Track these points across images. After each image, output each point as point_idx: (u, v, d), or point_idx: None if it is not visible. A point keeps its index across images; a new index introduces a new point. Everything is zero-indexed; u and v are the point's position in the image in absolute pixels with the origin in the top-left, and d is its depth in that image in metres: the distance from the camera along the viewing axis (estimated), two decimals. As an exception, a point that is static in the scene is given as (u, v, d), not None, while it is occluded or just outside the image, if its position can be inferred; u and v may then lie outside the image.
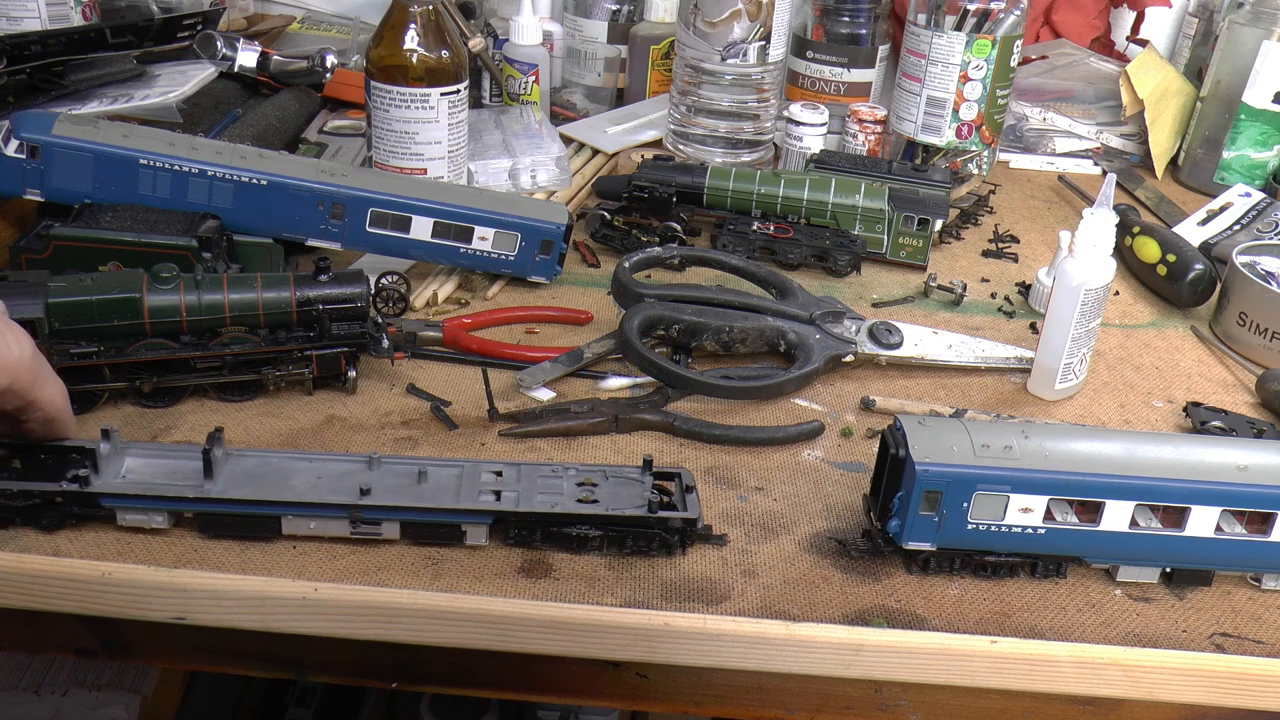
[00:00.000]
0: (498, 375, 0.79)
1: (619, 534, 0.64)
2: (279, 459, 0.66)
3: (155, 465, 0.65)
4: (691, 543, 0.65)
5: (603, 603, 0.61)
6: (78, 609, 0.61)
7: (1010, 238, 1.14)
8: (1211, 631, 0.63)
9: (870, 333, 0.86)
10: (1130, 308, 1.02)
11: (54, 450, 0.65)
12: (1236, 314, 0.94)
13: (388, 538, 0.64)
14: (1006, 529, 0.63)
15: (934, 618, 0.62)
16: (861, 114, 1.23)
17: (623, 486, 0.66)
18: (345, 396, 0.78)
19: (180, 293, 0.72)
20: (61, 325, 0.69)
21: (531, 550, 0.64)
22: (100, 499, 0.62)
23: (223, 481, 0.63)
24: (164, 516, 0.63)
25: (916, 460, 0.61)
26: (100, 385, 0.72)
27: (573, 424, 0.75)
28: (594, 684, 0.63)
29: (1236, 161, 1.27)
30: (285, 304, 0.74)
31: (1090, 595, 0.65)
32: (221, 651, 0.64)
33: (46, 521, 0.63)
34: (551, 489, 0.65)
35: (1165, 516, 0.64)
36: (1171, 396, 0.87)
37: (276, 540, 0.63)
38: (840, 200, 1.03)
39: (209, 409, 0.75)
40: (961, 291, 0.98)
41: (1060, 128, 1.37)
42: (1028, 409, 0.83)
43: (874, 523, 0.66)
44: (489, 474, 0.66)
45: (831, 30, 1.31)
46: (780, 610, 0.61)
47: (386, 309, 0.88)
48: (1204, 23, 1.43)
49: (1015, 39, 1.17)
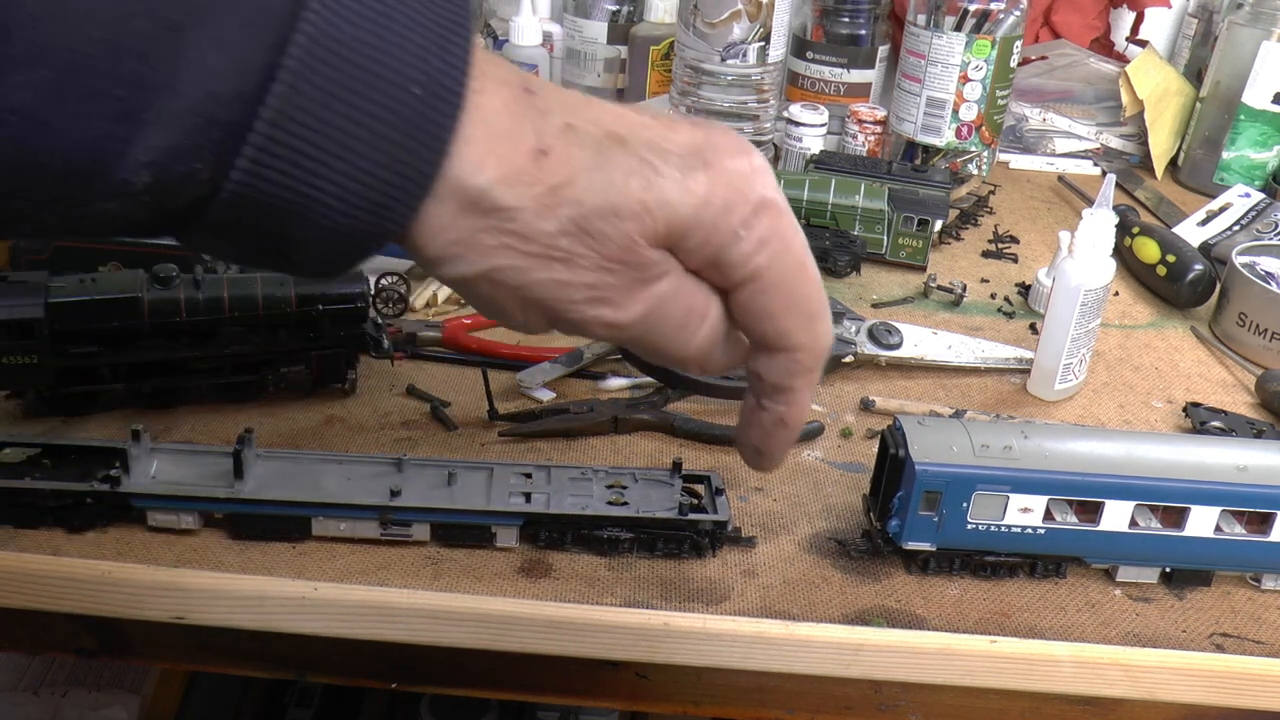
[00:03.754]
0: (497, 376, 0.79)
1: (649, 536, 0.64)
2: (309, 460, 0.66)
3: (185, 466, 0.65)
4: (721, 545, 0.66)
5: (602, 603, 0.61)
6: (77, 609, 0.61)
7: (1010, 238, 1.14)
8: (1211, 631, 0.63)
9: (870, 333, 0.86)
10: (1130, 308, 1.02)
11: (84, 450, 0.65)
12: (1236, 314, 0.94)
13: (418, 539, 0.64)
14: (1006, 529, 0.63)
15: (934, 618, 0.62)
16: (861, 114, 1.23)
17: (652, 489, 0.66)
18: (345, 397, 0.78)
19: (180, 293, 0.72)
20: (62, 325, 0.69)
21: (550, 551, 0.64)
22: (131, 499, 0.62)
23: (253, 482, 0.64)
24: (194, 517, 0.63)
25: (916, 460, 0.61)
26: (100, 386, 0.72)
27: (572, 424, 0.75)
28: (594, 684, 0.63)
29: (1236, 162, 1.27)
30: (285, 304, 0.74)
31: (1090, 595, 0.65)
32: (221, 651, 0.64)
33: (77, 522, 0.63)
34: (581, 491, 0.66)
35: (1165, 516, 0.64)
36: (1171, 397, 0.87)
37: (298, 541, 0.64)
38: (840, 200, 1.03)
39: (209, 410, 0.75)
40: (961, 292, 0.98)
41: (1060, 128, 1.37)
42: (1027, 409, 0.83)
43: (873, 523, 0.66)
44: (518, 476, 0.66)
45: (831, 31, 1.31)
46: (780, 610, 0.61)
47: (386, 309, 0.88)
48: (1203, 23, 1.43)
49: (1015, 39, 1.17)
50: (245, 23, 0.31)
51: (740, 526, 0.67)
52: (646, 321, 0.41)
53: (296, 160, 0.33)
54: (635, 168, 0.39)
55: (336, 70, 0.33)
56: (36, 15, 0.29)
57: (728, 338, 0.44)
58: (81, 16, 0.30)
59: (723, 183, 0.40)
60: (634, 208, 0.38)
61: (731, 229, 0.40)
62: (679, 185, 0.39)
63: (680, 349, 0.43)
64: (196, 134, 0.32)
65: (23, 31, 0.29)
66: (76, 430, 0.71)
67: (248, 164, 0.33)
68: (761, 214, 0.40)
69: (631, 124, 0.40)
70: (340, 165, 0.34)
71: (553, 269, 0.39)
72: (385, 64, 0.34)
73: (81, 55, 0.30)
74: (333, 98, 0.33)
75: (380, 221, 0.35)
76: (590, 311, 0.40)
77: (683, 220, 0.39)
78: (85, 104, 0.30)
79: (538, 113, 0.38)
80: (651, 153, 0.39)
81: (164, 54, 0.31)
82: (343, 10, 0.33)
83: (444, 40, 0.35)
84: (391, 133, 0.34)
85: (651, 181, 0.39)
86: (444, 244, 0.38)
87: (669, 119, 0.41)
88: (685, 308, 0.42)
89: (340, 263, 0.37)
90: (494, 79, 0.37)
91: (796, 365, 0.44)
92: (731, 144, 0.41)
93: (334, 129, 0.33)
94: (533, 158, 0.37)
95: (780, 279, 0.42)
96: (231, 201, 0.34)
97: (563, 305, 0.40)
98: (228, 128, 0.32)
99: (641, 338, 0.42)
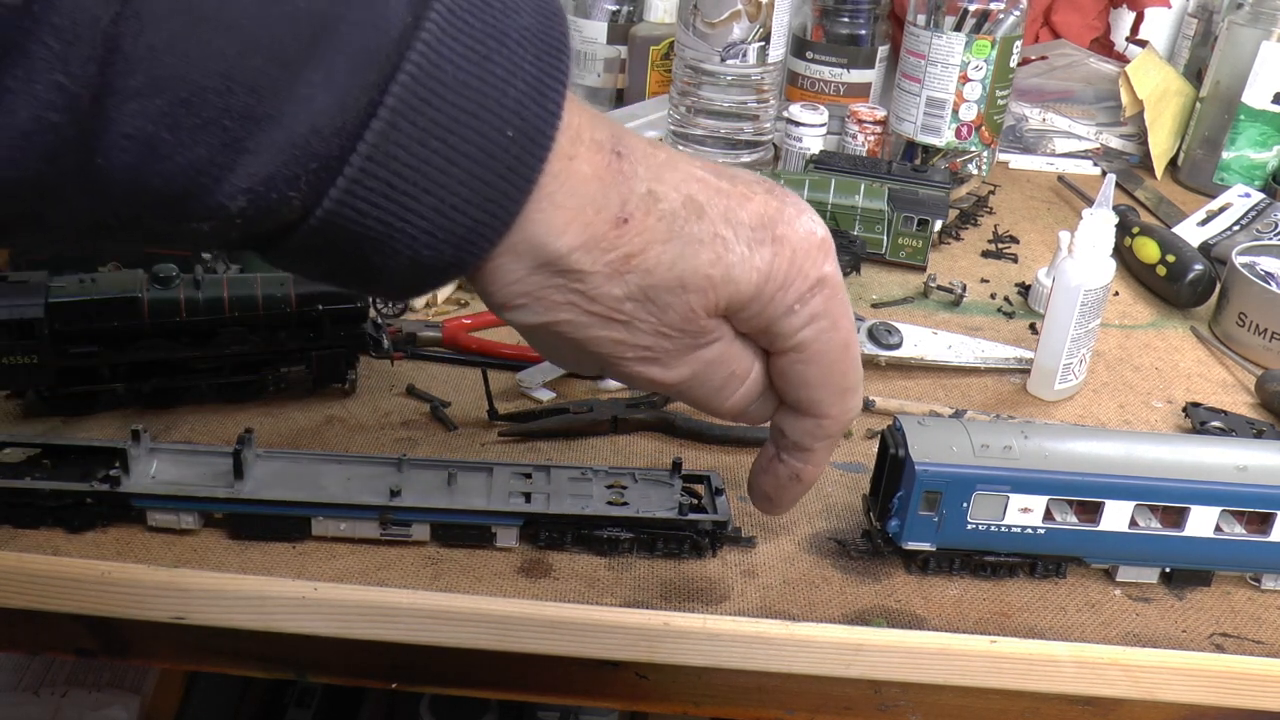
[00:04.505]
0: (497, 375, 0.79)
1: (649, 536, 0.64)
2: (308, 460, 0.66)
3: (185, 466, 0.65)
4: (721, 545, 0.66)
5: (602, 603, 0.61)
6: (77, 609, 0.61)
7: (1010, 238, 1.14)
8: (1211, 631, 0.63)
9: (870, 333, 0.86)
10: (1129, 308, 1.02)
11: (84, 450, 0.65)
12: (1236, 314, 0.94)
13: (417, 539, 0.64)
14: (1006, 529, 0.63)
15: (933, 618, 0.62)
16: (861, 114, 1.23)
17: (652, 489, 0.66)
18: (345, 397, 0.78)
19: (180, 293, 0.72)
20: (61, 325, 0.69)
21: (550, 552, 0.64)
22: (131, 499, 0.62)
23: (253, 482, 0.64)
24: (194, 517, 0.63)
25: (916, 460, 0.61)
26: (100, 386, 0.72)
27: (572, 424, 0.75)
28: (594, 684, 0.63)
29: (1236, 162, 1.27)
30: (285, 304, 0.74)
31: (1090, 595, 0.65)
32: (221, 652, 0.64)
33: (77, 522, 0.63)
34: (581, 491, 0.66)
35: (1165, 516, 0.64)
36: (1171, 397, 0.87)
37: (297, 540, 0.64)
38: (840, 200, 1.03)
39: (208, 410, 0.75)
40: (961, 292, 0.98)
41: (1060, 128, 1.37)
42: (1027, 409, 0.83)
43: (873, 523, 0.66)
44: (518, 476, 0.67)
45: (831, 31, 1.31)
46: (780, 610, 0.61)
47: (386, 310, 0.88)
48: (1203, 23, 1.43)
49: (1015, 39, 1.17)
50: (353, 60, 0.32)
51: (740, 526, 0.67)
52: (691, 381, 0.45)
53: (387, 193, 0.34)
54: (708, 241, 0.40)
55: (436, 110, 0.34)
56: (156, 47, 0.30)
57: (762, 395, 0.47)
58: (202, 50, 0.30)
59: (786, 258, 0.42)
60: (700, 283, 0.41)
61: (788, 304, 0.43)
62: (745, 262, 0.41)
63: (717, 407, 0.47)
64: (295, 165, 0.33)
65: (144, 64, 0.30)
66: (76, 430, 0.71)
67: (340, 194, 0.34)
68: (818, 291, 0.43)
69: (710, 191, 0.41)
70: (429, 200, 0.35)
71: (612, 329, 0.42)
72: (484, 107, 0.34)
73: (198, 88, 0.31)
74: (429, 135, 0.34)
75: (462, 256, 0.37)
76: (639, 369, 0.44)
77: (744, 295, 0.42)
78: (195, 133, 0.31)
79: (624, 178, 0.39)
80: (725, 225, 0.41)
81: (275, 89, 0.32)
82: (447, 52, 0.33)
83: (541, 86, 0.36)
84: (482, 172, 0.35)
85: (720, 256, 0.41)
86: (513, 293, 0.40)
87: (745, 183, 0.42)
88: (728, 372, 0.45)
89: (417, 290, 0.38)
90: (588, 143, 0.38)
91: (821, 430, 0.48)
92: (801, 218, 0.42)
93: (426, 165, 0.34)
94: (614, 225, 0.39)
95: (823, 354, 0.45)
96: (320, 229, 0.35)
97: (615, 360, 0.43)
98: (325, 160, 0.33)
99: (684, 394, 0.46)
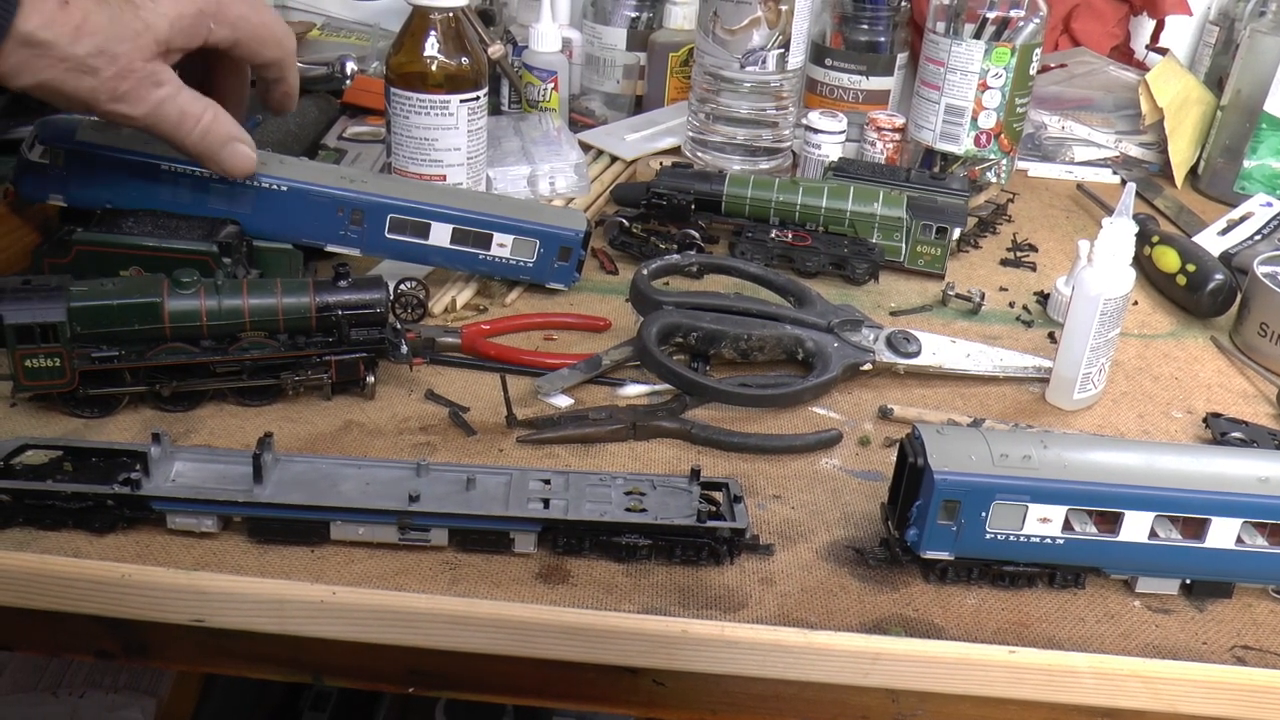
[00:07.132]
0: (516, 382, 0.80)
1: (668, 543, 0.64)
2: (327, 464, 0.67)
3: (205, 469, 0.66)
4: (739, 552, 0.65)
5: (620, 609, 0.61)
6: (97, 610, 0.61)
7: (1029, 246, 1.13)
8: (1232, 644, 0.62)
9: (888, 341, 0.86)
10: (1149, 317, 1.01)
11: (105, 453, 0.66)
12: (1257, 325, 0.93)
13: (436, 544, 0.64)
14: (1025, 539, 0.63)
15: (951, 627, 0.62)
16: (880, 122, 1.23)
17: (671, 496, 0.66)
18: (363, 402, 0.78)
19: (200, 298, 0.72)
20: (83, 329, 0.70)
21: (568, 558, 0.64)
22: (151, 502, 0.63)
23: (272, 486, 0.64)
24: (214, 520, 0.63)
25: (935, 469, 0.61)
26: (120, 389, 0.73)
27: (590, 431, 0.75)
28: (610, 690, 0.63)
29: (1257, 171, 1.27)
30: (304, 309, 0.74)
31: (1109, 606, 0.65)
32: (238, 655, 0.64)
33: (98, 524, 0.63)
34: (600, 497, 0.66)
35: (1185, 528, 0.64)
36: (1191, 407, 0.86)
37: (316, 545, 0.64)
38: (858, 208, 1.02)
39: (228, 413, 0.75)
40: (979, 300, 0.98)
41: (1079, 136, 1.37)
42: (1046, 418, 0.83)
43: (892, 532, 0.65)
44: (537, 482, 0.67)
45: (850, 38, 1.31)
46: (797, 618, 0.61)
47: (405, 315, 0.88)
48: (1225, 31, 1.42)
49: (1034, 47, 1.17)
50: None
51: (758, 534, 0.67)
52: (151, 117, 0.70)
53: None
54: (127, 8, 0.66)
55: None
56: None
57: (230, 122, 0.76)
58: None
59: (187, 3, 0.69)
60: (130, 35, 0.66)
61: (206, 29, 0.71)
62: (154, 12, 0.67)
63: (180, 141, 0.73)
64: None
65: None
66: (97, 433, 0.72)
67: None
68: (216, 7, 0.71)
69: None
70: None
71: (84, 79, 0.66)
72: None
73: None
74: None
75: None
76: (111, 106, 0.68)
77: (163, 36, 0.68)
78: None
79: None
80: None
81: None
82: None
83: None
84: None
85: (138, 14, 0.67)
86: (10, 66, 0.64)
87: None
88: (180, 110, 0.71)
89: None
90: None
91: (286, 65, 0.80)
92: None
93: None
94: (59, 6, 0.64)
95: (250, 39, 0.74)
96: None
97: (93, 102, 0.68)
98: None
99: (152, 128, 0.71)
